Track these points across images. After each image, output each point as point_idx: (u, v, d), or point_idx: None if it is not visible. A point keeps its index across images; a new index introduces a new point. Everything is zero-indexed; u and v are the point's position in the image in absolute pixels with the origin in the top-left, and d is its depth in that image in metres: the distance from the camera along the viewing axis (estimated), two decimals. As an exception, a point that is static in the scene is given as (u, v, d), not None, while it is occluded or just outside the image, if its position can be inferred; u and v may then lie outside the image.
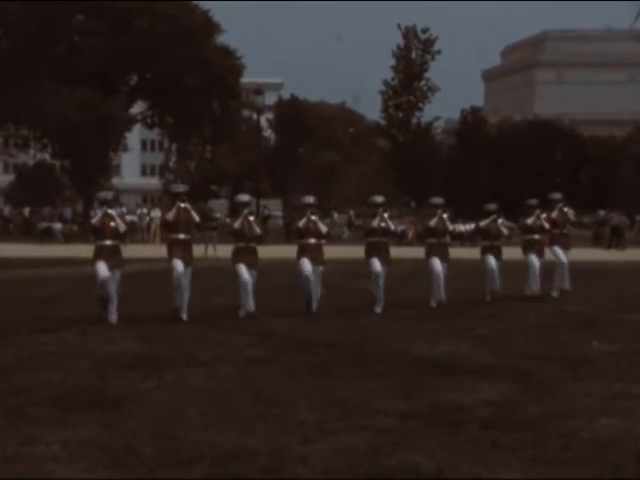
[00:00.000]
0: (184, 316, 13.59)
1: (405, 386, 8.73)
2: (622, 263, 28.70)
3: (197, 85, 56.58)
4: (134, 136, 75.69)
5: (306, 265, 14.26)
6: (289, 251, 20.42)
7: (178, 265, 13.67)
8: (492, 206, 17.01)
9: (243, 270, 13.78)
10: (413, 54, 76.96)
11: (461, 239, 43.83)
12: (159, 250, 27.76)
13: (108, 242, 13.47)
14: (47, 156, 61.75)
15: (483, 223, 16.90)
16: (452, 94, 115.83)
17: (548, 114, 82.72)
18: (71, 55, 56.18)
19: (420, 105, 76.93)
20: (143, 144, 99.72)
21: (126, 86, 61.20)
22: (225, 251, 29.97)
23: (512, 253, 17.76)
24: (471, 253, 26.17)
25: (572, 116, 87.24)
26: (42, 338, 11.66)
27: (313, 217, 14.66)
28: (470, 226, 45.47)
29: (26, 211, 54.79)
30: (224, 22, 70.70)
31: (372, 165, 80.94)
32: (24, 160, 66.76)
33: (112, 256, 13.40)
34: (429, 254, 15.59)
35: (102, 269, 13.27)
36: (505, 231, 17.12)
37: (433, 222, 15.66)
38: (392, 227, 15.39)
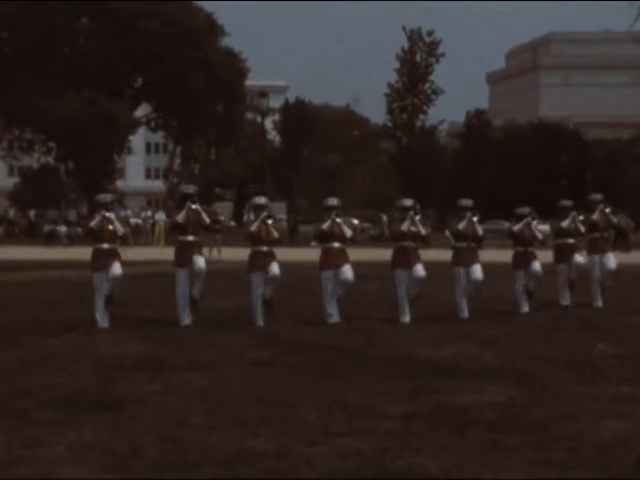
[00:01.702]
0: (195, 293, 13.48)
1: (410, 388, 8.72)
2: (627, 265, 28.63)
3: (202, 88, 56.68)
4: (138, 139, 75.82)
5: (328, 284, 13.73)
6: (293, 254, 20.43)
7: (182, 282, 13.48)
8: (525, 209, 15.94)
9: (257, 282, 13.42)
10: (418, 57, 77.04)
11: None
12: (163, 253, 27.82)
13: (106, 245, 13.44)
14: (51, 159, 61.86)
15: (516, 227, 15.74)
16: (456, 97, 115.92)
17: (553, 117, 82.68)
18: (76, 58, 56.30)
19: (424, 108, 77.00)
20: (147, 147, 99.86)
21: (131, 89, 61.32)
22: (229, 254, 30.05)
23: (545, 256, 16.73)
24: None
25: (577, 119, 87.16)
26: (47, 340, 11.67)
27: (338, 220, 14.09)
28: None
29: (31, 214, 54.86)
30: (228, 25, 70.91)
31: (376, 168, 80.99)
32: (29, 163, 66.87)
33: (110, 259, 13.36)
34: (457, 258, 14.88)
35: (117, 267, 13.23)
36: (540, 235, 15.85)
37: (462, 225, 14.87)
38: (423, 231, 14.50)
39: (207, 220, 14.00)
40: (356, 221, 67.65)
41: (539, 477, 6.05)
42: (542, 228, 16.96)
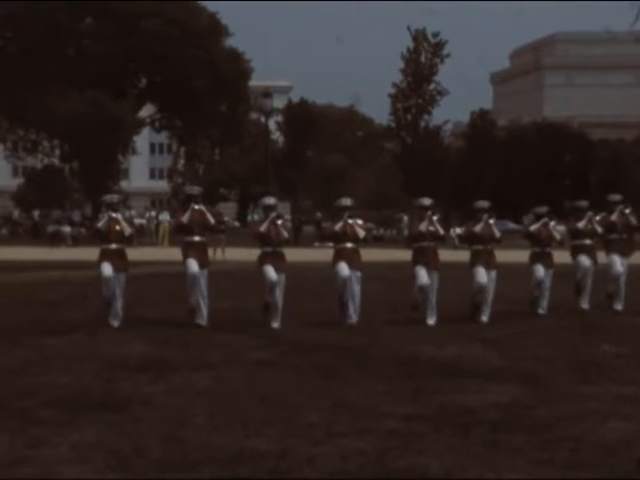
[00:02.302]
0: (201, 322, 13.35)
1: (413, 389, 8.72)
2: (632, 266, 28.56)
3: (205, 88, 56.71)
4: (143, 139, 75.89)
5: (343, 269, 13.61)
6: (297, 254, 20.42)
7: (192, 265, 13.39)
8: (542, 209, 15.51)
9: (270, 269, 13.24)
10: (422, 57, 76.98)
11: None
12: (167, 253, 27.87)
13: (113, 246, 13.44)
14: (55, 160, 61.96)
15: (533, 227, 15.33)
16: (460, 97, 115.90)
17: (557, 117, 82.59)
18: (80, 58, 56.37)
19: (429, 108, 76.97)
20: (152, 147, 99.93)
21: (135, 89, 61.36)
22: (233, 254, 30.05)
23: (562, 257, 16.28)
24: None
25: (581, 119, 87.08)
26: (51, 341, 11.68)
27: (350, 220, 13.98)
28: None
29: (35, 214, 54.91)
30: (232, 26, 70.90)
31: (381, 168, 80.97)
32: (33, 163, 66.99)
33: (117, 260, 13.37)
34: (474, 262, 14.40)
35: (106, 268, 13.23)
36: (557, 236, 15.38)
37: (478, 228, 14.42)
38: (441, 232, 14.27)
39: (212, 220, 13.94)
40: (360, 221, 67.57)
41: (542, 477, 6.04)
42: (559, 229, 16.58)
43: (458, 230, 39.06)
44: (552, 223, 15.64)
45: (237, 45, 62.87)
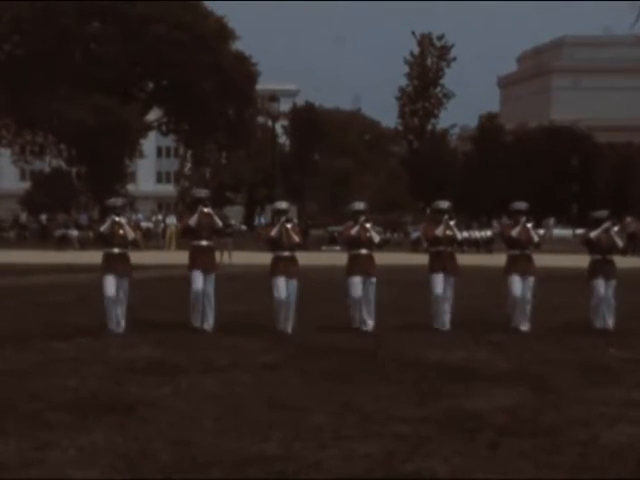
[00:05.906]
0: (207, 327, 13.29)
1: (420, 392, 8.72)
2: (639, 270, 28.51)
3: (212, 91, 56.81)
4: (150, 143, 76.00)
5: (357, 289, 13.39)
6: (304, 258, 20.38)
7: (197, 280, 13.29)
8: (603, 213, 14.26)
9: (279, 286, 13.07)
10: (428, 61, 77.11)
11: (477, 246, 43.79)
12: (174, 256, 27.90)
13: (117, 250, 13.39)
14: (62, 163, 62.12)
15: (593, 233, 13.88)
16: (467, 101, 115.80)
17: (564, 120, 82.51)
18: (87, 62, 56.50)
19: (435, 112, 77.09)
20: (158, 151, 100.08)
21: (142, 93, 61.51)
22: (239, 257, 30.06)
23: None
24: (487, 260, 26.24)
25: (588, 122, 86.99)
26: (58, 344, 11.69)
27: (367, 225, 13.67)
28: (486, 233, 45.42)
29: (42, 218, 55.01)
30: (239, 29, 70.90)
31: (387, 171, 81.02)
32: (40, 167, 67.14)
33: (121, 264, 13.33)
34: (509, 269, 13.61)
35: (109, 286, 13.08)
36: (620, 243, 14.20)
37: (515, 232, 13.60)
38: (459, 236, 13.88)
39: (219, 224, 13.86)
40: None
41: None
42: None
43: (465, 234, 39.04)
44: (615, 228, 14.45)
45: (244, 49, 62.98)
